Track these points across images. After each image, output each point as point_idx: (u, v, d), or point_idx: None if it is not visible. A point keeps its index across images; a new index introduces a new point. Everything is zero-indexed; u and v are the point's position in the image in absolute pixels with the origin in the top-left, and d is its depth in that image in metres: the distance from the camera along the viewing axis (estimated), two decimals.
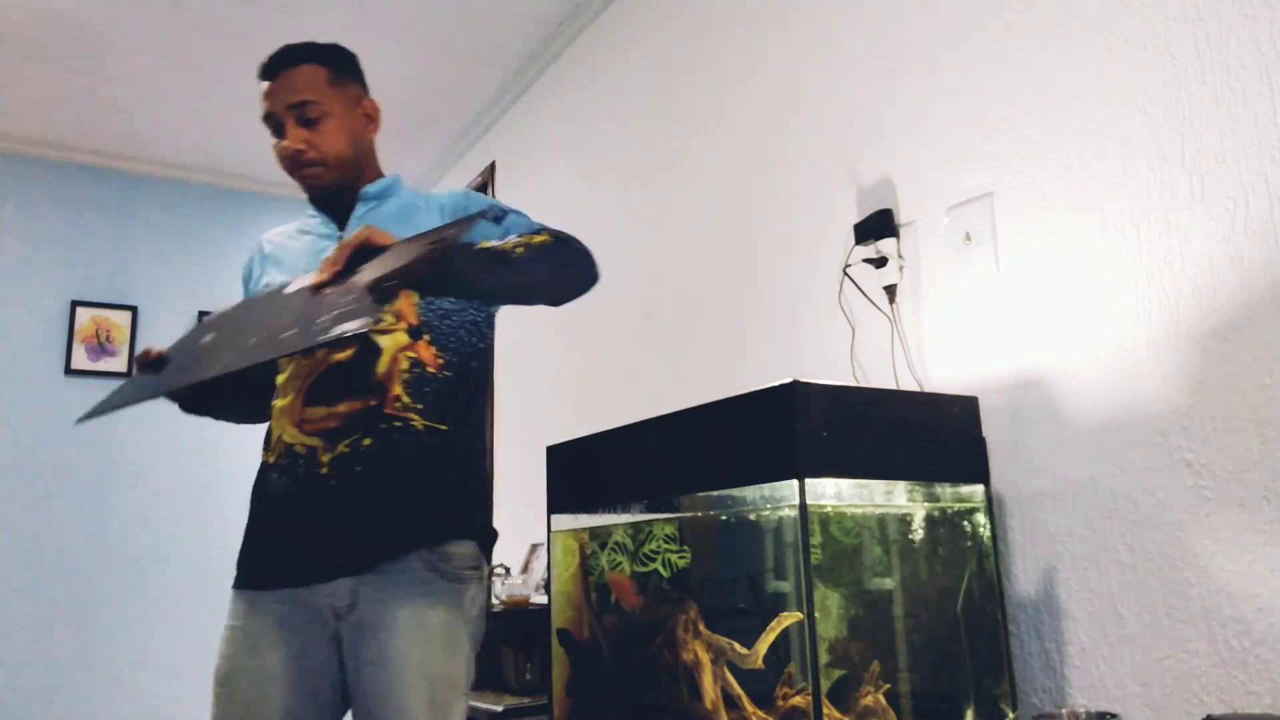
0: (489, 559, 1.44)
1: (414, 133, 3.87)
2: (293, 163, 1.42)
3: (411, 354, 1.36)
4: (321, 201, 1.49)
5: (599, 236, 2.83)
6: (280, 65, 1.43)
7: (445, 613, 1.32)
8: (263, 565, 1.35)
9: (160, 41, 3.16)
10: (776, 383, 1.25)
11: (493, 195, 3.61)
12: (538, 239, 1.32)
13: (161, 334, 3.49)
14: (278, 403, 1.38)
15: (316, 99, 1.42)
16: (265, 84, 1.43)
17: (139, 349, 3.85)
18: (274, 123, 1.43)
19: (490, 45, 3.23)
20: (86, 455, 3.70)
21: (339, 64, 1.47)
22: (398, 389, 1.34)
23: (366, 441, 1.31)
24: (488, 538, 1.43)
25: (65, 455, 3.67)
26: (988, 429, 1.48)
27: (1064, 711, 1.28)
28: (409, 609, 1.29)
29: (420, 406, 1.34)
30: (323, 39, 1.50)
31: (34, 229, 3.79)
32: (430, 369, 1.37)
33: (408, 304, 1.37)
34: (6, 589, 3.50)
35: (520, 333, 3.34)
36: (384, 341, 1.35)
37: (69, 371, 3.70)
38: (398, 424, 1.33)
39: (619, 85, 2.82)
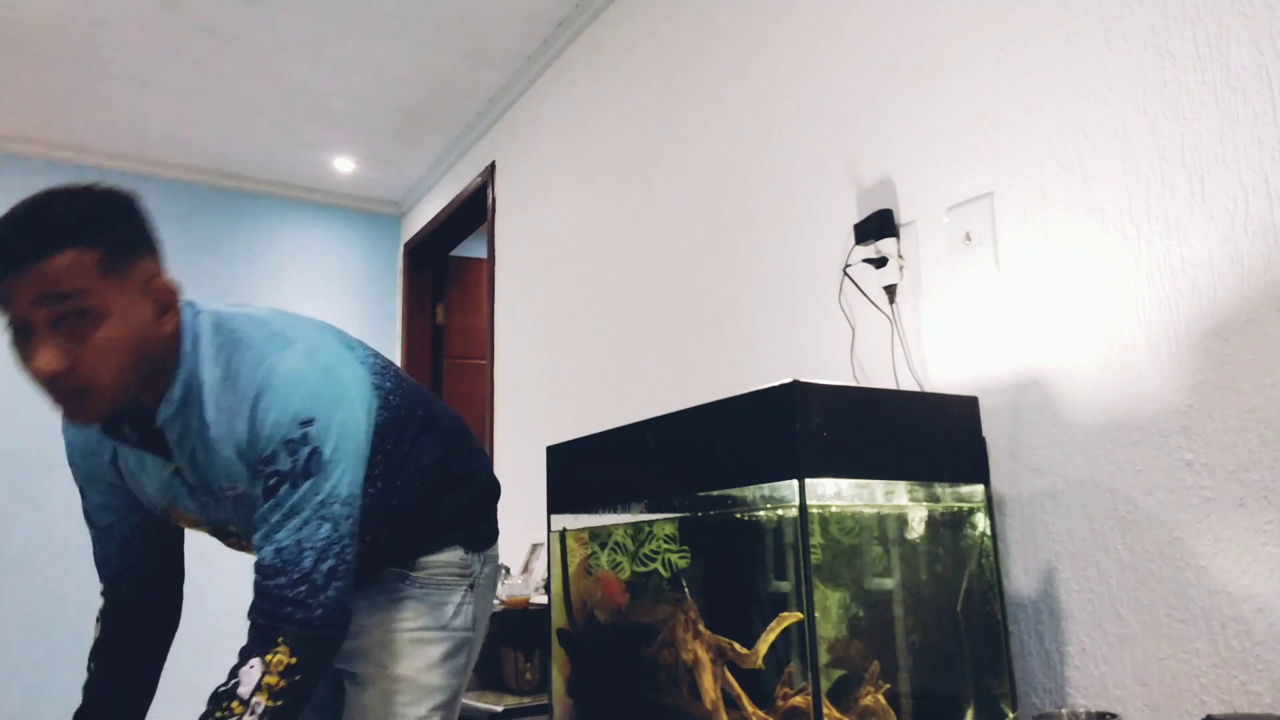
0: (481, 552, 1.43)
1: (414, 133, 3.87)
2: (51, 388, 1.03)
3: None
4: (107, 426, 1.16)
5: (599, 236, 2.84)
6: (20, 253, 0.99)
7: (416, 617, 1.34)
8: None
9: (160, 41, 3.16)
10: (776, 383, 1.25)
11: (492, 195, 3.61)
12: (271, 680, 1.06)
13: None
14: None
15: (84, 288, 1.01)
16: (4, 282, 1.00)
17: None
18: (19, 329, 1.02)
19: (490, 45, 3.23)
20: None
21: (115, 235, 1.05)
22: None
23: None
24: (475, 539, 1.43)
25: (64, 458, 3.66)
26: (988, 429, 1.48)
27: (1064, 711, 1.27)
28: (380, 615, 1.33)
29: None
30: (322, 39, 1.41)
31: None
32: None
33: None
34: (6, 589, 3.50)
35: (520, 333, 3.34)
36: (231, 525, 1.32)
37: None
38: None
39: (619, 85, 2.82)
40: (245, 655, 1.06)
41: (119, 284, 1.04)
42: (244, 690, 1.03)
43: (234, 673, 1.05)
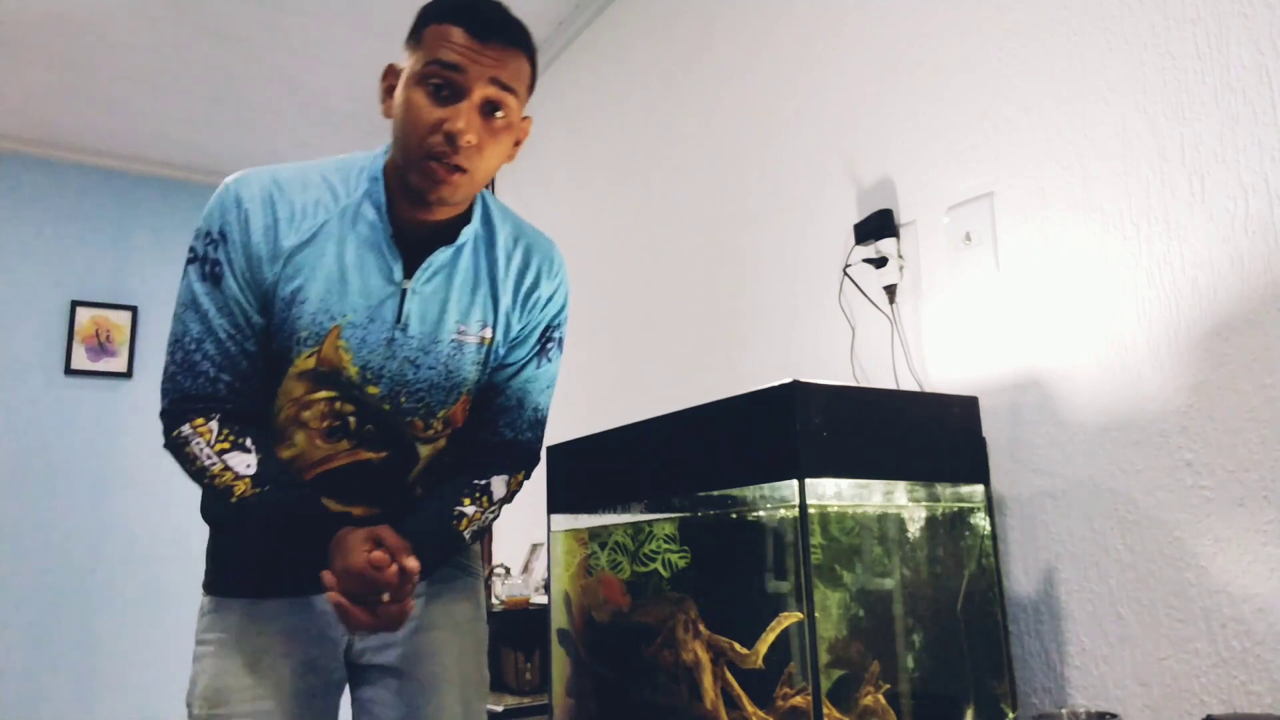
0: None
1: None
2: (441, 149, 1.07)
3: (442, 453, 1.26)
4: (395, 216, 1.15)
5: (599, 236, 2.84)
6: (497, 32, 1.08)
7: (471, 608, 1.30)
8: (266, 572, 1.20)
9: (160, 41, 3.16)
10: (776, 383, 1.25)
11: (492, 195, 3.61)
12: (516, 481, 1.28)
13: (161, 334, 3.48)
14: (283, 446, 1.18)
15: (515, 97, 1.11)
16: (458, 32, 1.07)
17: (139, 349, 3.88)
18: (449, 85, 1.07)
19: None
20: (86, 455, 3.70)
21: (535, 68, 1.17)
22: (419, 486, 1.25)
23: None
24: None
25: (65, 455, 3.67)
26: (988, 429, 1.48)
27: (1064, 711, 1.27)
28: (439, 605, 1.26)
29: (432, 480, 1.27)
30: (322, 39, 1.43)
31: (34, 229, 3.79)
32: (448, 457, 1.26)
33: (461, 409, 1.24)
34: (6, 589, 3.50)
35: None
36: (424, 450, 1.23)
37: (69, 371, 3.70)
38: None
39: (619, 85, 2.82)
40: (494, 471, 1.24)
41: (520, 108, 1.15)
42: (495, 494, 1.23)
43: (485, 480, 1.23)
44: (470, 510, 1.20)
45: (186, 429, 1.10)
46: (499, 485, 1.24)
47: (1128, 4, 1.40)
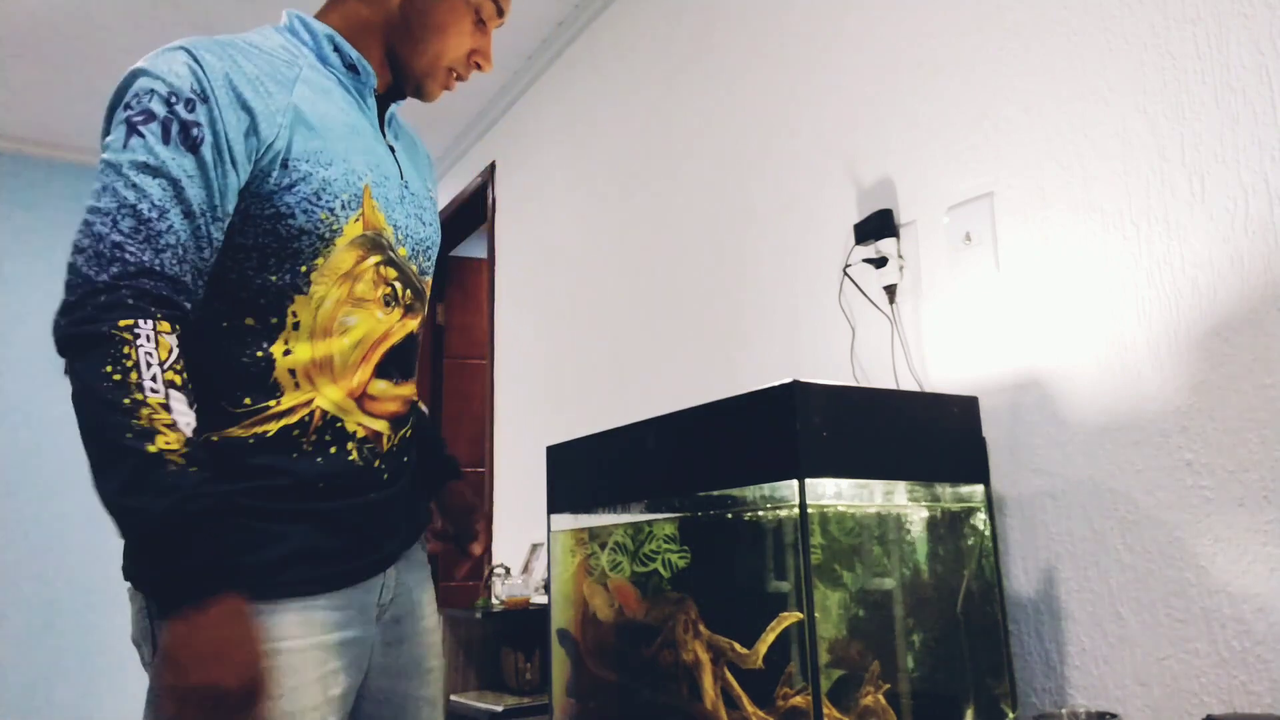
0: None
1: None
2: (465, 69, 1.19)
3: None
4: (357, 77, 1.11)
5: (599, 236, 2.84)
6: None
7: (434, 590, 1.23)
8: (321, 561, 1.02)
9: (160, 41, 3.15)
10: (776, 383, 1.25)
11: (492, 195, 3.61)
12: None
13: None
14: (305, 358, 1.01)
15: None
16: None
17: None
18: (493, 17, 1.18)
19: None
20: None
21: None
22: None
23: (409, 426, 1.14)
24: None
25: (65, 455, 3.67)
26: (988, 429, 1.48)
27: (1064, 711, 1.27)
28: (428, 594, 1.20)
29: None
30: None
31: (34, 229, 3.79)
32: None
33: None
34: (6, 588, 3.50)
35: (520, 333, 3.34)
36: (424, 309, 1.19)
37: (69, 371, 3.70)
38: (416, 400, 1.18)
39: (619, 86, 2.82)
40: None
41: None
42: None
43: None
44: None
45: (145, 326, 0.86)
46: None
47: (1128, 4, 1.40)
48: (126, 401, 0.84)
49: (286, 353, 1.00)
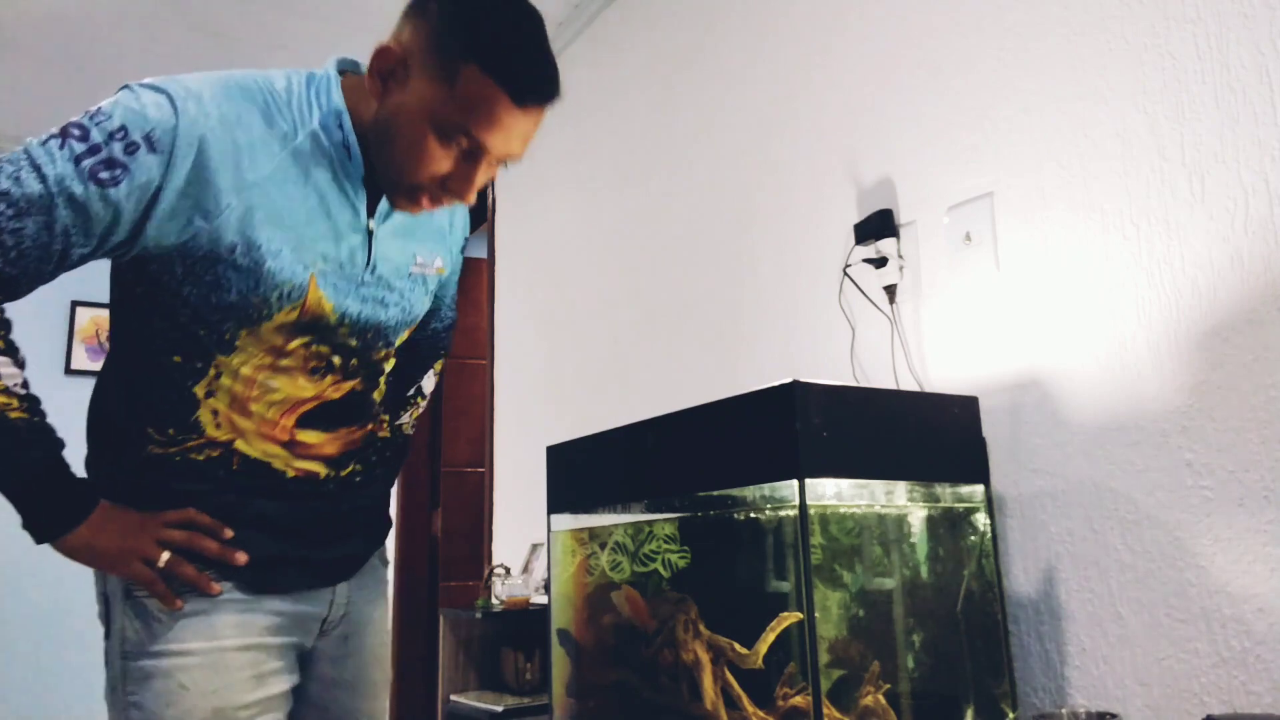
0: None
1: None
2: (436, 192, 1.04)
3: (391, 372, 1.23)
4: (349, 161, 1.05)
5: (598, 236, 2.84)
6: (541, 95, 1.00)
7: (388, 606, 1.30)
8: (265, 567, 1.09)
9: (158, 42, 3.16)
10: (776, 383, 1.25)
11: (492, 195, 3.61)
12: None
13: None
14: (225, 406, 1.06)
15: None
16: (503, 101, 0.97)
17: None
18: (471, 150, 1.01)
19: None
20: None
21: None
22: (382, 410, 1.22)
23: (366, 463, 1.20)
24: None
25: (65, 454, 3.66)
26: (988, 429, 1.48)
27: (1064, 711, 1.28)
28: (380, 609, 1.25)
29: (388, 417, 1.26)
30: (321, 39, 1.39)
31: None
32: (393, 373, 1.24)
33: (410, 331, 1.23)
34: (7, 587, 3.50)
35: (520, 333, 3.34)
36: (387, 366, 1.20)
37: (69, 371, 3.71)
38: (382, 437, 1.23)
39: (619, 85, 2.82)
40: (423, 369, 1.36)
41: None
42: (426, 389, 1.36)
43: (418, 381, 1.35)
44: (405, 419, 1.31)
45: None
46: (429, 381, 1.39)
47: (1128, 4, 1.40)
48: None
49: (210, 394, 1.05)
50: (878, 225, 1.73)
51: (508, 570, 2.90)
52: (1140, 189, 1.36)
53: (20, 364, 0.99)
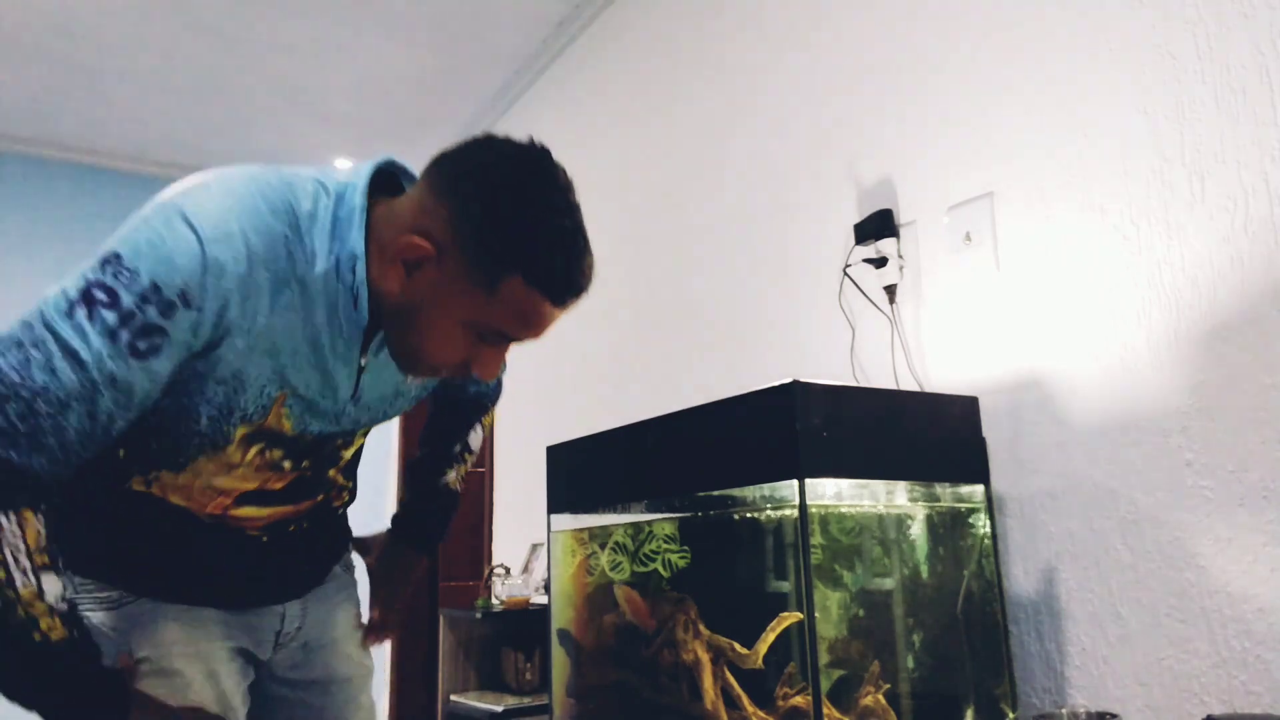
0: None
1: (413, 133, 3.87)
2: (457, 372, 1.01)
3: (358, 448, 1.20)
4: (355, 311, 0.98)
5: (598, 236, 2.83)
6: (585, 290, 1.00)
7: (358, 606, 1.29)
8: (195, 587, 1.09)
9: (158, 41, 3.16)
10: (776, 383, 1.25)
11: None
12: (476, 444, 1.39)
13: None
14: (164, 489, 1.03)
15: None
16: (544, 306, 0.95)
17: None
18: (497, 338, 0.99)
19: (490, 45, 3.23)
20: None
21: None
22: (342, 480, 1.18)
23: (313, 521, 1.17)
24: None
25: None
26: (988, 429, 1.48)
27: (1064, 711, 1.28)
28: (344, 611, 1.25)
29: (350, 484, 1.22)
30: (320, 40, 1.37)
31: (34, 229, 3.79)
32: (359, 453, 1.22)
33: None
34: None
35: None
36: (347, 453, 1.16)
37: None
38: (336, 505, 1.20)
39: (619, 85, 2.82)
40: (470, 425, 1.37)
41: None
42: (474, 445, 1.37)
43: (465, 439, 1.36)
44: (451, 475, 1.33)
45: (9, 521, 0.83)
46: (475, 436, 1.37)
47: (1128, 4, 1.40)
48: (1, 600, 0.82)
49: (147, 484, 1.02)
50: (878, 225, 1.73)
51: (508, 570, 2.90)
52: (1140, 189, 1.36)
53: (59, 571, 0.89)
